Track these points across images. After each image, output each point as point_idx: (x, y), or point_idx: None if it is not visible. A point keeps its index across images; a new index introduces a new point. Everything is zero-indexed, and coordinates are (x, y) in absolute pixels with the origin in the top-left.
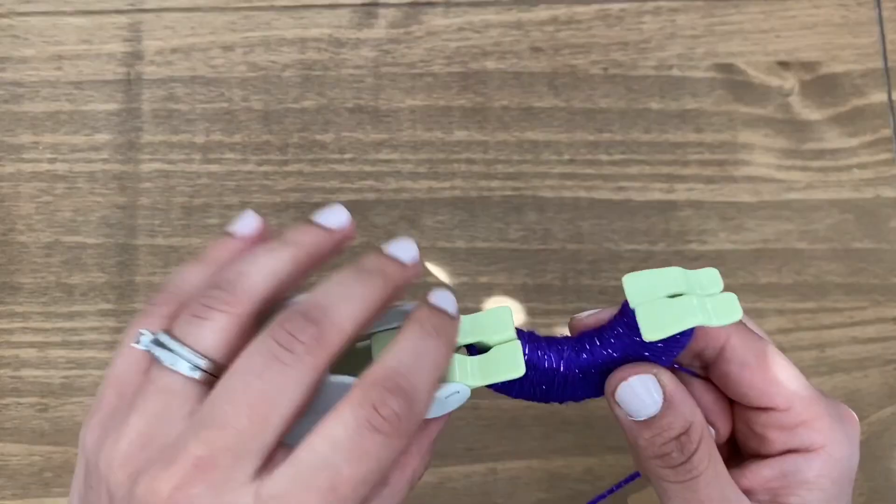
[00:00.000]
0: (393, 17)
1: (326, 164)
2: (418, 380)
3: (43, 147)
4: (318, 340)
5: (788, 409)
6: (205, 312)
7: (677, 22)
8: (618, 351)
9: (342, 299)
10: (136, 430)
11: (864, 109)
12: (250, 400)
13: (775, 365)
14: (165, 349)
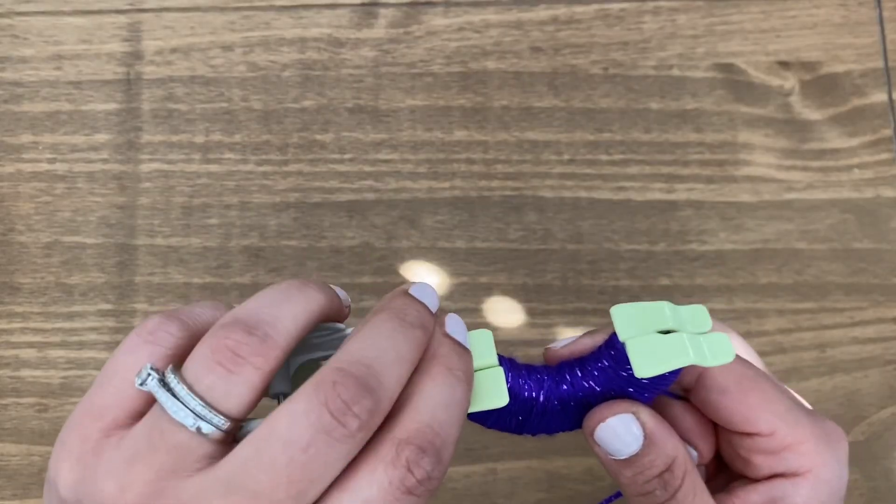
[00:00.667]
0: (393, 17)
1: (326, 163)
2: (450, 435)
3: (42, 147)
4: (372, 415)
5: (772, 433)
6: (234, 364)
7: (677, 22)
8: (601, 384)
9: (395, 361)
10: (143, 480)
11: (864, 109)
12: (292, 475)
13: (756, 389)
14: (179, 401)
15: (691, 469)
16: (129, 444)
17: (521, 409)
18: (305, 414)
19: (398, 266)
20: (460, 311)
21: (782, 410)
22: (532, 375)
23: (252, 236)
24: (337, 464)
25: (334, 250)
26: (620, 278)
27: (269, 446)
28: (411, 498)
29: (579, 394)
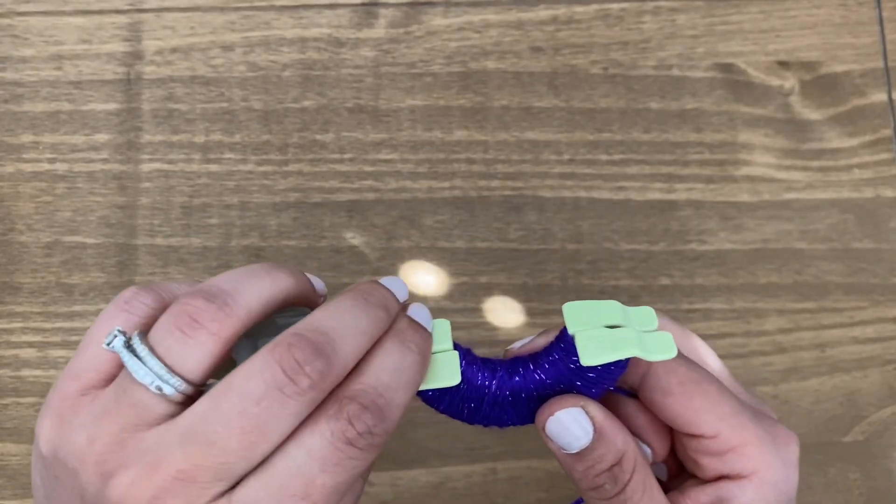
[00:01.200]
0: (393, 17)
1: (326, 163)
2: (394, 398)
3: (43, 147)
4: (324, 377)
5: (715, 436)
6: (191, 329)
7: (677, 22)
8: (550, 377)
9: (352, 333)
10: (109, 433)
11: (864, 109)
12: (244, 426)
13: (699, 392)
14: (140, 362)
15: (641, 464)
16: (99, 402)
17: (473, 396)
18: (260, 370)
19: (398, 266)
20: (460, 311)
21: (726, 413)
22: (487, 365)
23: (252, 236)
24: (288, 419)
25: (334, 250)
26: (620, 278)
27: (226, 399)
28: (352, 449)
29: (531, 386)
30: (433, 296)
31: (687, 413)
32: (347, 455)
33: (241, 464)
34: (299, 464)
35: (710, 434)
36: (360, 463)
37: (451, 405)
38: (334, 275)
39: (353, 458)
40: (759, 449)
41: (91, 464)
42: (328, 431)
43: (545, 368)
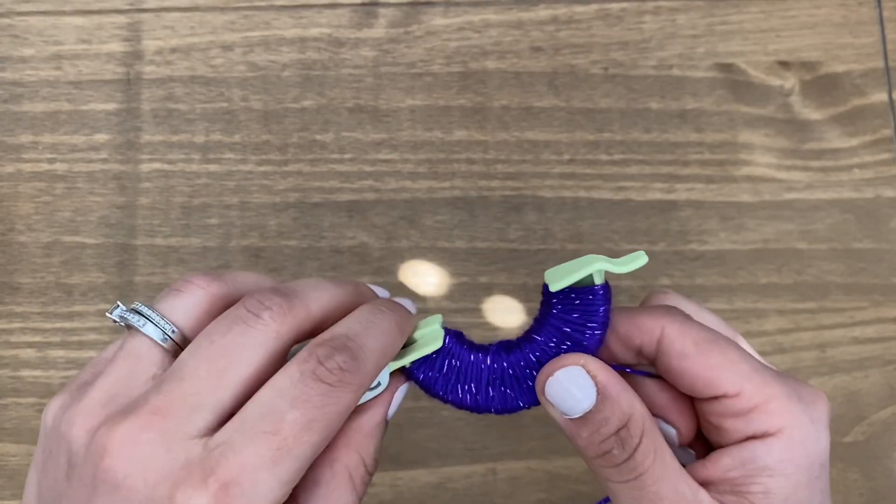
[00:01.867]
0: (392, 17)
1: (326, 163)
2: (365, 343)
3: (42, 147)
4: (283, 309)
5: (738, 394)
6: (183, 286)
7: (677, 22)
8: (541, 333)
9: (317, 289)
10: (100, 390)
11: (864, 109)
12: (211, 355)
13: (717, 350)
14: (138, 314)
15: (651, 428)
16: (100, 370)
17: (471, 376)
18: (227, 314)
19: (398, 266)
20: (460, 311)
21: (747, 370)
22: (481, 346)
23: (252, 236)
24: (253, 349)
25: (334, 250)
26: (620, 278)
27: (199, 339)
28: (321, 385)
29: (527, 351)
30: (433, 296)
31: (706, 372)
32: (317, 391)
33: (211, 394)
34: (269, 401)
35: (732, 392)
36: (332, 402)
37: (450, 388)
38: (334, 275)
39: (323, 395)
40: (784, 404)
41: (78, 425)
42: (297, 372)
43: (534, 328)
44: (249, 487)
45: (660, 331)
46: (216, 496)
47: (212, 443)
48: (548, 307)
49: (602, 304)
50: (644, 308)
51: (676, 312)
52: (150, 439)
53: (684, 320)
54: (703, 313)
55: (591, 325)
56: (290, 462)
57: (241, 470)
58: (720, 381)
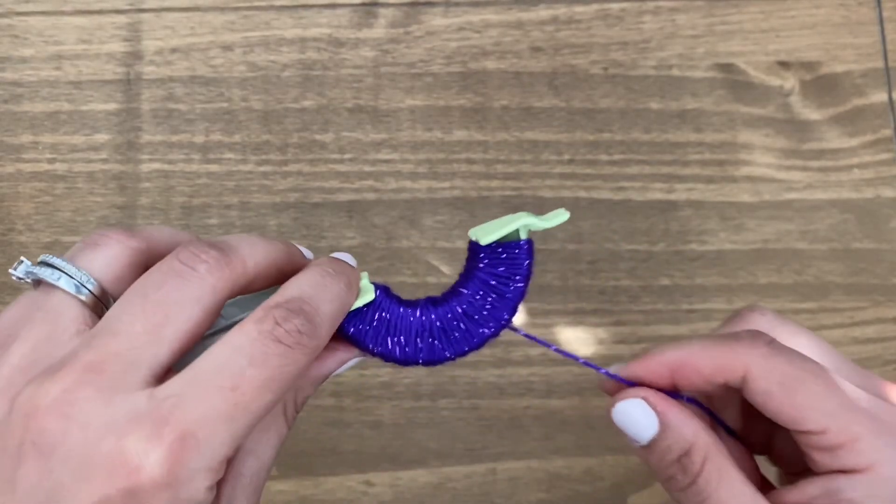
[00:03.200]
0: (392, 17)
1: (326, 164)
2: (320, 307)
3: (42, 147)
4: (219, 263)
5: (823, 432)
6: (99, 240)
7: (677, 22)
8: (468, 287)
9: (248, 244)
10: (18, 354)
11: (864, 109)
12: (146, 309)
13: (802, 388)
14: (50, 267)
15: (715, 454)
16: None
17: (399, 328)
18: (158, 267)
19: (398, 266)
20: None
21: (833, 408)
22: (407, 301)
23: None
24: (190, 303)
25: (334, 250)
26: (620, 278)
27: (128, 294)
28: (280, 346)
29: (454, 304)
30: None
31: (791, 411)
32: (275, 352)
33: (148, 349)
34: (226, 357)
35: (817, 430)
36: (289, 363)
37: (379, 340)
38: None
39: (281, 356)
40: (872, 443)
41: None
42: (255, 331)
43: (460, 282)
44: (205, 440)
45: (743, 369)
46: (171, 448)
47: (159, 393)
48: (474, 261)
49: (526, 258)
50: (727, 342)
51: (761, 345)
52: (86, 396)
53: (769, 355)
54: (798, 336)
55: (517, 278)
56: (245, 418)
57: (197, 422)
58: (805, 421)
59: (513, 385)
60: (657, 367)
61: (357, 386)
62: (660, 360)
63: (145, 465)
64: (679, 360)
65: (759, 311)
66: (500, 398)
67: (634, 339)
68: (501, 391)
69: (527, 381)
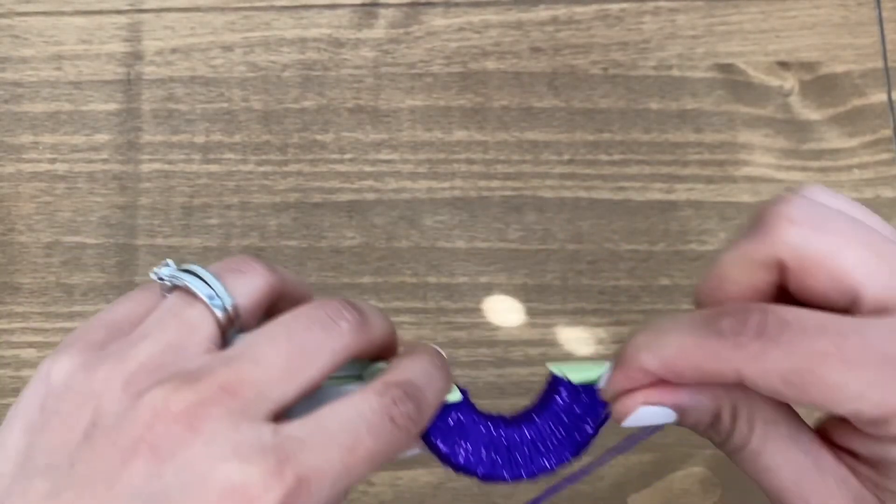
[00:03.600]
0: (393, 18)
1: (326, 164)
2: (426, 397)
3: (43, 147)
4: (359, 325)
5: (856, 415)
6: (243, 267)
7: (677, 22)
8: (542, 417)
9: (377, 316)
10: (147, 354)
11: (864, 109)
12: (291, 348)
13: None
14: (199, 279)
15: (744, 409)
16: (137, 332)
17: (468, 433)
18: (304, 312)
19: (398, 266)
20: (460, 311)
21: (859, 388)
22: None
23: (252, 236)
24: (327, 354)
25: (334, 250)
26: (620, 278)
27: (273, 327)
28: (393, 425)
29: (524, 431)
30: (433, 296)
31: (808, 403)
32: (388, 429)
33: (280, 385)
34: (350, 419)
35: (847, 415)
36: (394, 442)
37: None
38: (334, 275)
39: (390, 434)
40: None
41: (117, 387)
42: (376, 402)
43: (536, 409)
44: (316, 490)
45: (735, 374)
46: (289, 488)
47: (284, 431)
48: (553, 394)
49: (604, 406)
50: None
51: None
52: (217, 414)
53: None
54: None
55: (590, 423)
56: (348, 480)
57: (315, 470)
58: (828, 408)
59: (513, 385)
60: (638, 376)
61: None
62: (638, 367)
63: (263, 497)
64: (659, 367)
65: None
66: (500, 398)
67: None
68: (501, 391)
69: (527, 381)
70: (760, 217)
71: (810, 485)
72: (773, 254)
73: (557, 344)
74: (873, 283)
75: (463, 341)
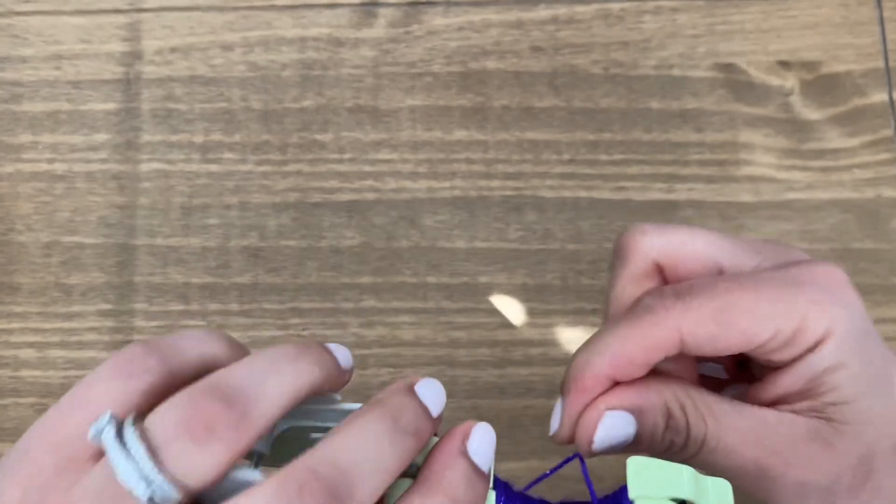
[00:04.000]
0: (392, 17)
1: (326, 163)
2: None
3: (42, 147)
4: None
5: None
6: (206, 437)
7: (678, 21)
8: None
9: (375, 471)
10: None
11: (864, 109)
12: None
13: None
14: (135, 465)
15: (686, 397)
16: (78, 495)
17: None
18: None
19: (398, 266)
20: (460, 311)
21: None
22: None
23: (251, 236)
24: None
25: (334, 250)
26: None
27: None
28: None
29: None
30: (433, 296)
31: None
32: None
33: None
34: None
35: (770, 336)
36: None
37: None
38: (334, 275)
39: None
40: (816, 315)
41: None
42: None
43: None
44: None
45: (676, 333)
46: None
47: None
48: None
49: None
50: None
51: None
52: None
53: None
54: (688, 246)
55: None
56: None
57: None
58: (755, 338)
59: (513, 385)
60: (593, 384)
61: (357, 385)
62: (592, 375)
63: None
64: (610, 364)
65: (641, 230)
66: (500, 398)
67: None
68: (502, 391)
69: (527, 381)
70: (621, 247)
71: (772, 443)
72: (649, 260)
73: (558, 344)
74: (727, 255)
75: (463, 341)
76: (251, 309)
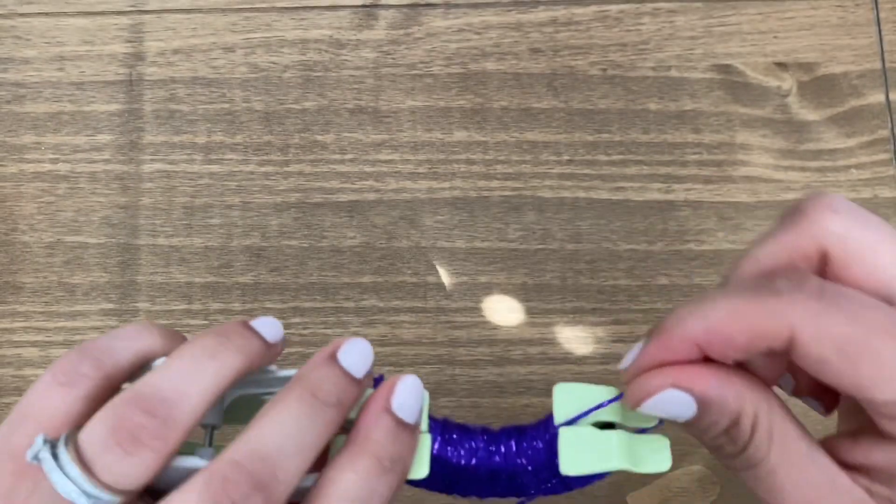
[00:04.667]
0: (393, 19)
1: (327, 164)
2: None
3: (45, 147)
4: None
5: (892, 402)
6: (132, 446)
7: (676, 23)
8: (532, 464)
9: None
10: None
11: (861, 110)
12: None
13: (869, 355)
14: (70, 482)
15: (765, 415)
16: (35, 502)
17: (448, 474)
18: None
19: (398, 266)
20: (460, 311)
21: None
22: (464, 443)
23: (253, 236)
24: None
25: (335, 250)
26: (619, 278)
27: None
28: None
29: (510, 469)
30: (433, 296)
31: (853, 381)
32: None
33: None
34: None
35: (882, 401)
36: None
37: (425, 482)
38: (335, 275)
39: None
40: None
41: None
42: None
43: (528, 455)
44: None
45: (788, 332)
46: None
47: None
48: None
49: (602, 478)
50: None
51: (808, 299)
52: None
53: (820, 312)
54: (882, 245)
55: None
56: None
57: None
58: (872, 391)
59: (512, 384)
60: (680, 345)
61: None
62: (681, 335)
63: None
64: (706, 332)
65: (831, 205)
66: (499, 396)
67: (633, 338)
68: (501, 389)
69: (526, 380)
70: (799, 209)
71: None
72: (817, 243)
73: (557, 343)
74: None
75: (463, 341)
76: (253, 308)
